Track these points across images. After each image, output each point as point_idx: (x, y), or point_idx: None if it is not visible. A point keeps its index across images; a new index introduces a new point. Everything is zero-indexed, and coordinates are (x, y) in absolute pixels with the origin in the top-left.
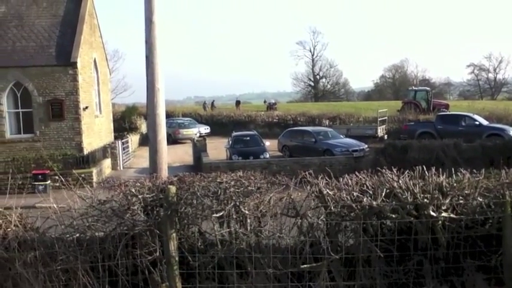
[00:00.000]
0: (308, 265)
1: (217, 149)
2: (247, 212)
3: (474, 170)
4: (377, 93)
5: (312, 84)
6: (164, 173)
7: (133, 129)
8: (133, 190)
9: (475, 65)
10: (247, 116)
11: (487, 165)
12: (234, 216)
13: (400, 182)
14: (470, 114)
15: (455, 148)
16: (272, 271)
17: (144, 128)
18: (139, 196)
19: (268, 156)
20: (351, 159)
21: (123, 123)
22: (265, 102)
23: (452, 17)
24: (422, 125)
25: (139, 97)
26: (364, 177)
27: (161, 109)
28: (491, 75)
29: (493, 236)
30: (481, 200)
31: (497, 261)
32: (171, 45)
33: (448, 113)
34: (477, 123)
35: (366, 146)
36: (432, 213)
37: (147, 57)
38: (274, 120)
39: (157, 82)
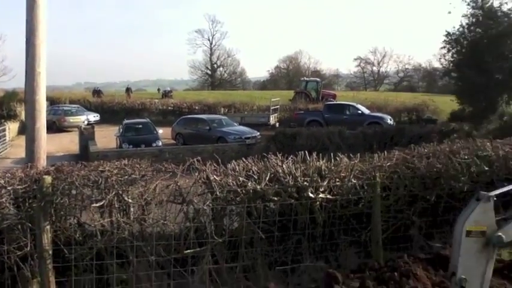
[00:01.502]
0: (192, 250)
1: (107, 138)
2: (130, 200)
3: (351, 155)
4: (272, 83)
5: (209, 72)
6: (42, 163)
7: (12, 116)
8: (1, 182)
9: (362, 59)
10: (140, 104)
11: (366, 151)
12: (116, 206)
13: (284, 166)
14: (354, 104)
15: (340, 135)
16: (155, 258)
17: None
18: (9, 188)
19: (161, 144)
20: (243, 146)
21: (0, 110)
22: (159, 90)
23: (344, 11)
24: (311, 113)
25: (21, 82)
26: (250, 163)
27: (41, 94)
28: (375, 68)
29: (364, 214)
30: (355, 181)
31: (366, 236)
32: (56, 27)
33: (334, 102)
34: (360, 112)
35: (258, 133)
36: (311, 194)
37: (27, 38)
38: (169, 108)
39: (37, 65)
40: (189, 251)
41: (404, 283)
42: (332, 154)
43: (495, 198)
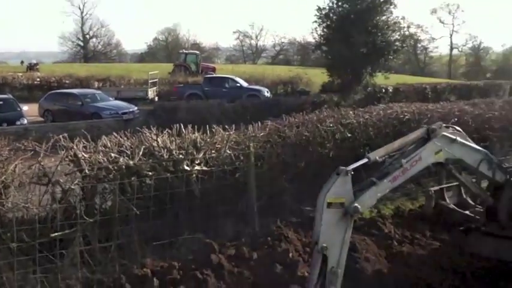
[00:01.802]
0: (60, 233)
1: None
2: None
3: (226, 126)
4: (150, 55)
5: (81, 44)
6: None
7: None
8: None
9: (240, 32)
10: (1, 78)
11: (245, 122)
12: None
13: (159, 140)
14: (233, 77)
15: (219, 108)
16: (16, 245)
17: None
18: None
19: (26, 122)
20: (120, 122)
21: None
22: (22, 63)
23: None
24: (190, 87)
25: None
26: (123, 138)
27: None
28: (253, 42)
29: (240, 184)
30: (230, 152)
31: (243, 205)
32: None
33: (214, 75)
34: (239, 85)
35: (136, 108)
36: (187, 167)
37: None
38: (36, 82)
39: None
40: (56, 234)
41: (276, 246)
42: (213, 127)
43: (352, 172)
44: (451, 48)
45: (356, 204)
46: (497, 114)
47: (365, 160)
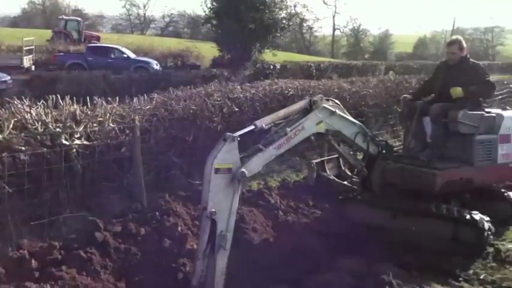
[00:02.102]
0: None
1: None
2: None
3: (109, 99)
4: (25, 20)
5: None
6: None
7: None
8: None
9: (127, 0)
10: None
11: (132, 96)
12: None
13: (32, 112)
14: (120, 48)
15: (105, 80)
16: None
17: None
18: None
19: None
20: None
21: None
22: None
23: None
24: (72, 56)
25: None
26: None
27: None
28: (141, 11)
29: (126, 159)
30: (114, 125)
31: (129, 181)
32: None
33: (98, 45)
34: (126, 56)
35: (9, 77)
36: (65, 141)
37: None
38: None
39: None
40: None
41: (165, 221)
42: (94, 99)
43: (239, 139)
44: (334, 29)
45: (243, 170)
46: (371, 92)
47: (252, 127)
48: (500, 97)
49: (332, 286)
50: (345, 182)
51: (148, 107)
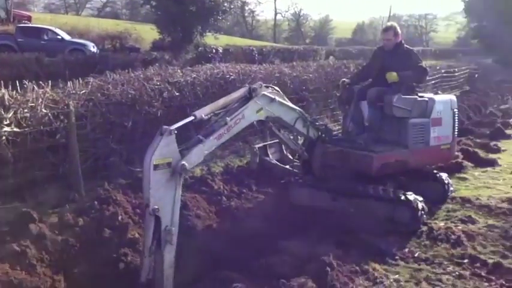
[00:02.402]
0: None
1: None
2: None
3: (41, 83)
4: None
5: None
6: None
7: None
8: None
9: None
10: None
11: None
12: None
13: None
14: (53, 28)
15: (37, 63)
16: None
17: None
18: None
19: None
20: None
21: None
22: None
23: None
24: (1, 37)
25: None
26: None
27: None
28: None
29: (61, 146)
30: (47, 111)
31: (65, 168)
32: None
33: (29, 25)
34: (60, 37)
35: None
36: None
37: None
38: None
39: None
40: None
41: (104, 210)
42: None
43: (176, 132)
44: (275, 13)
45: (183, 162)
46: (312, 77)
47: (191, 118)
48: (433, 82)
49: (275, 269)
50: (287, 166)
51: (83, 91)
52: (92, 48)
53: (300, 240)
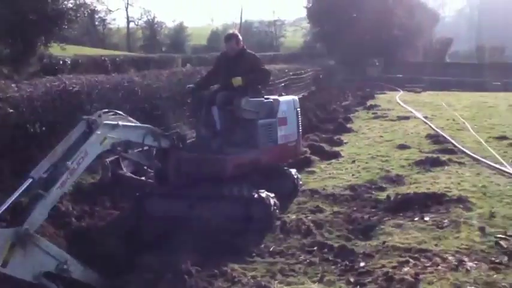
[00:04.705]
0: None
1: None
2: None
3: None
4: None
5: None
6: None
7: None
8: None
9: None
10: None
11: None
12: None
13: None
14: None
15: None
16: None
17: None
18: None
19: None
20: None
21: None
22: None
23: None
24: None
25: None
26: None
27: None
28: None
29: None
30: None
31: None
32: None
33: None
34: None
35: None
36: None
37: None
38: None
39: None
40: None
41: None
42: None
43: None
44: (128, 21)
45: (26, 227)
46: (163, 84)
47: (28, 182)
48: (283, 84)
49: (130, 286)
50: (143, 178)
51: None
52: None
53: (159, 252)
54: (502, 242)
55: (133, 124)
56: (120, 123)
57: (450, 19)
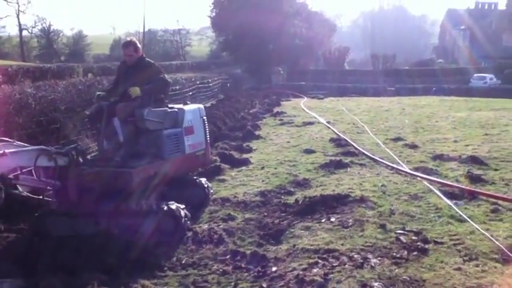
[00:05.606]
0: None
1: None
2: None
3: None
4: None
5: None
6: None
7: None
8: None
9: None
10: None
11: None
12: None
13: None
14: None
15: None
16: None
17: None
18: None
19: None
20: None
21: None
22: None
23: None
24: None
25: None
26: None
27: None
28: None
29: None
30: None
31: None
32: None
33: None
34: None
35: None
36: None
37: None
38: None
39: None
40: None
41: None
42: None
43: None
44: (20, 30)
45: None
46: (61, 96)
47: None
48: (190, 93)
49: None
50: (41, 197)
51: None
52: None
53: (61, 275)
54: (401, 238)
55: (22, 148)
56: (7, 150)
57: (347, 29)
